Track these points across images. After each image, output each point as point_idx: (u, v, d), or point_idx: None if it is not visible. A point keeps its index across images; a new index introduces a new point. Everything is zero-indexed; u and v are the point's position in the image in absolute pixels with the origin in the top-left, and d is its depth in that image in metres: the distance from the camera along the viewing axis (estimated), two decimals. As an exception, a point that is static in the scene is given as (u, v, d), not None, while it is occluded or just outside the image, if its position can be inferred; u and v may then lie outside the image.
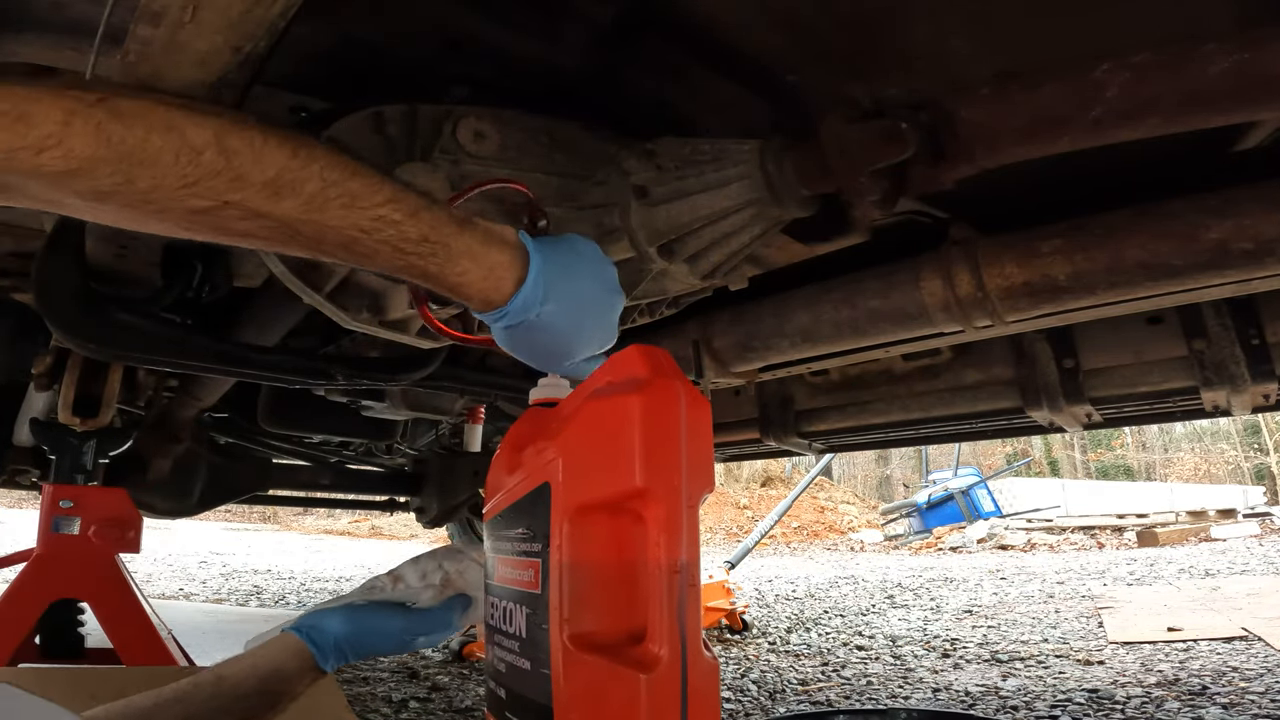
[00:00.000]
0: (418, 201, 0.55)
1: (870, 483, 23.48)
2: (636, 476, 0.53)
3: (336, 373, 1.31)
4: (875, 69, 0.88)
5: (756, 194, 0.81)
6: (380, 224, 0.52)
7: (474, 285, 0.59)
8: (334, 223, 0.51)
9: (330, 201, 0.50)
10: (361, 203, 0.51)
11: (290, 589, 5.07)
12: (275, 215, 0.49)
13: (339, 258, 0.54)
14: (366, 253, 0.53)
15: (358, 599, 0.77)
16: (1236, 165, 0.95)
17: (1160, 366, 1.46)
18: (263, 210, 0.48)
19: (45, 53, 0.72)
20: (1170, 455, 23.83)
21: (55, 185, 0.42)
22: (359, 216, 0.51)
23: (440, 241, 0.55)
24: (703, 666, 0.53)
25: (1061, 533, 9.33)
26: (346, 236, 0.52)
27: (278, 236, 0.51)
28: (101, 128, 0.41)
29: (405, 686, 2.33)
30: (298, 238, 0.51)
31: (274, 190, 0.48)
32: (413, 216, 0.54)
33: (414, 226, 0.54)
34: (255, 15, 0.54)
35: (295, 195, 0.49)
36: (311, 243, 0.52)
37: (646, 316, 1.10)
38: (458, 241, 0.56)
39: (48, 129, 0.39)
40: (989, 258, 1.07)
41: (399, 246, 0.54)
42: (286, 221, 0.49)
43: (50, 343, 1.45)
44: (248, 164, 0.46)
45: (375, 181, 0.53)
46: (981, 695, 2.22)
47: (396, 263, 0.55)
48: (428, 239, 0.55)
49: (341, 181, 0.51)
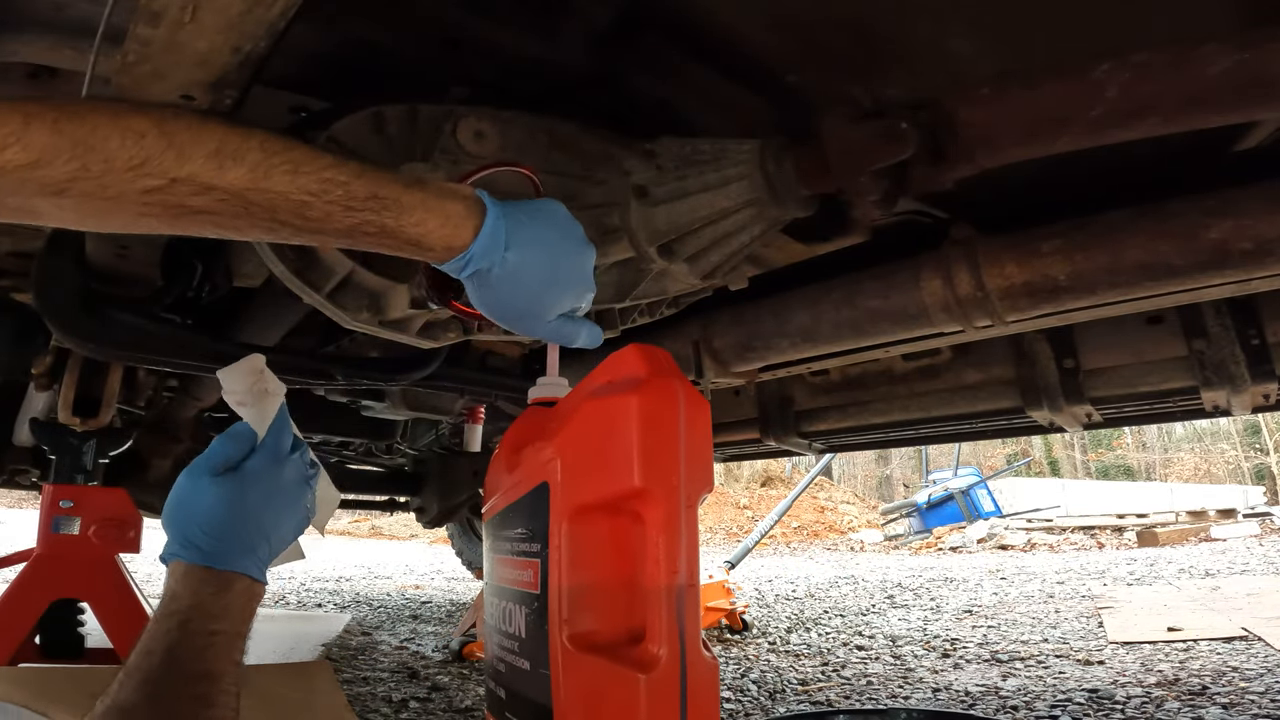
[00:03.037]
0: (361, 165, 0.58)
1: (870, 483, 23.47)
2: (635, 476, 0.53)
3: (336, 373, 1.31)
4: (875, 69, 0.88)
5: (756, 194, 0.81)
6: (328, 185, 0.55)
7: (433, 235, 0.60)
8: (281, 188, 0.54)
9: (275, 169, 0.53)
10: (305, 167, 0.54)
11: (290, 589, 5.07)
12: (224, 186, 0.52)
13: (297, 228, 0.56)
14: (321, 216, 0.56)
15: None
16: (1236, 165, 0.96)
17: (1160, 366, 1.46)
18: (211, 182, 0.51)
19: (45, 53, 0.72)
20: (1170, 455, 23.83)
21: (20, 181, 0.46)
22: (306, 180, 0.54)
23: (391, 196, 0.58)
24: (702, 666, 0.53)
25: (1061, 533, 9.33)
26: (298, 202, 0.54)
27: (232, 211, 0.53)
28: (56, 123, 0.47)
29: (405, 686, 2.33)
30: (252, 209, 0.54)
31: (218, 162, 0.51)
32: (359, 176, 0.57)
33: (362, 185, 0.57)
34: (255, 15, 0.54)
35: (239, 164, 0.52)
36: (267, 213, 0.54)
37: (646, 316, 1.10)
38: (408, 196, 0.59)
39: (10, 128, 0.45)
40: (989, 258, 1.07)
41: (349, 205, 0.56)
42: (236, 192, 0.52)
43: (50, 343, 1.45)
44: (188, 141, 0.50)
45: (316, 151, 0.56)
46: (981, 695, 2.22)
47: (350, 222, 0.57)
48: (377, 195, 0.57)
49: (283, 151, 0.54)
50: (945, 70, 0.87)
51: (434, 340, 0.95)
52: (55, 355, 1.47)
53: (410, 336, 0.92)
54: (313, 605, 4.35)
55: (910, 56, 0.86)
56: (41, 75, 0.79)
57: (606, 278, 0.95)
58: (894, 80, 0.89)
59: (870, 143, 0.76)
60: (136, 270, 1.11)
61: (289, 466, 0.72)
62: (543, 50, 0.85)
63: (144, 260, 1.09)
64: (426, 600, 4.68)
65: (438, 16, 0.80)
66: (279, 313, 1.29)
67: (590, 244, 0.70)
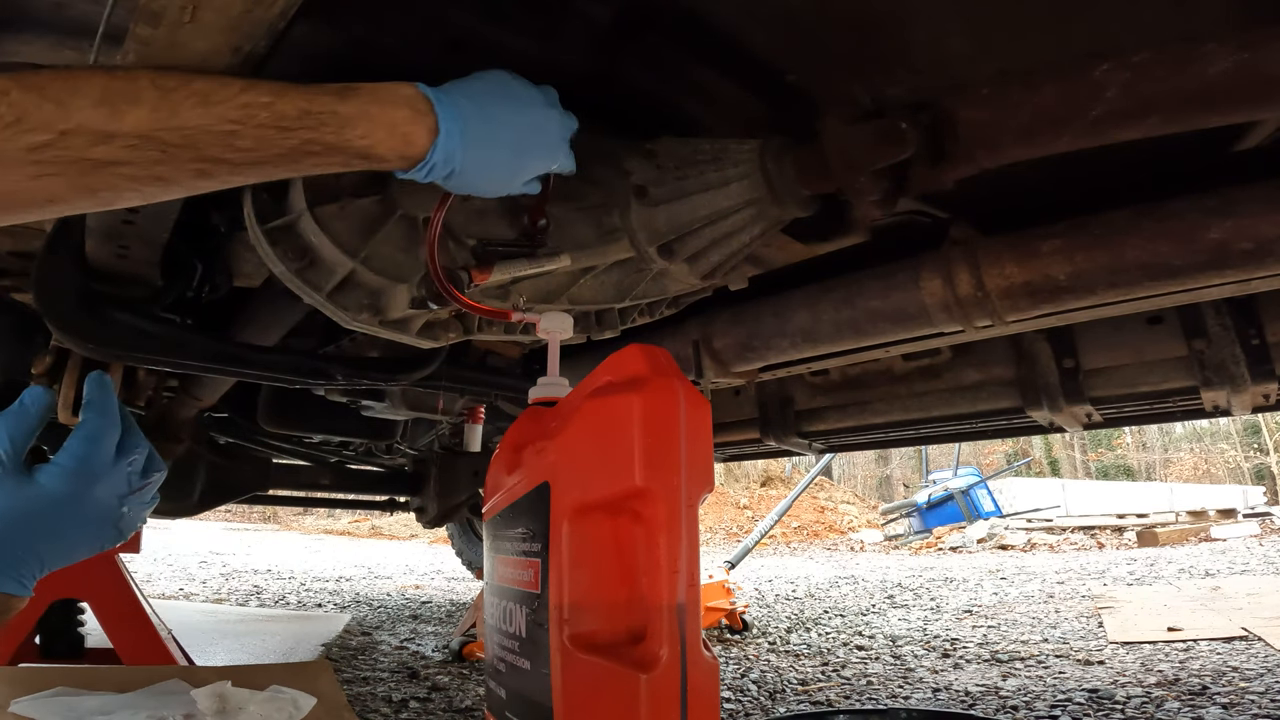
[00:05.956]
0: (278, 83, 0.53)
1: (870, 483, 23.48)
2: (636, 476, 0.53)
3: (336, 373, 1.31)
4: (875, 69, 0.88)
5: (756, 194, 0.81)
6: (250, 109, 0.51)
7: (384, 145, 0.57)
8: (196, 122, 0.50)
9: (180, 104, 0.49)
10: (216, 96, 0.51)
11: (290, 589, 5.07)
12: (127, 131, 0.48)
13: (233, 163, 0.52)
14: (253, 145, 0.52)
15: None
16: (1236, 165, 0.95)
17: (1160, 366, 1.46)
18: (110, 129, 0.48)
19: (45, 53, 0.72)
20: (1170, 455, 23.83)
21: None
22: (222, 109, 0.50)
23: (325, 110, 0.54)
24: (703, 666, 0.53)
25: (1061, 533, 9.33)
26: (221, 134, 0.51)
27: (149, 158, 0.50)
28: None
29: (405, 686, 2.33)
30: (171, 152, 0.50)
31: (110, 108, 0.48)
32: (280, 95, 0.53)
33: (288, 104, 0.53)
34: (255, 16, 0.54)
35: (135, 105, 0.48)
36: (191, 153, 0.51)
37: (646, 316, 1.10)
38: (344, 106, 0.55)
39: None
40: (989, 257, 1.07)
41: (282, 126, 0.52)
42: (145, 135, 0.49)
43: (50, 343, 1.44)
44: (63, 90, 0.47)
45: (222, 78, 0.52)
46: (981, 695, 2.22)
47: (289, 144, 0.53)
48: (309, 111, 0.53)
49: (181, 85, 0.50)
50: (945, 70, 0.87)
51: (434, 340, 0.95)
52: (55, 355, 1.46)
53: (410, 336, 0.92)
54: (313, 605, 4.35)
55: (910, 56, 0.86)
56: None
57: (606, 278, 0.95)
58: (894, 80, 0.89)
59: (870, 143, 0.76)
60: (136, 270, 1.11)
61: (102, 485, 0.62)
62: (543, 50, 0.84)
63: (144, 260, 1.09)
64: (426, 600, 4.67)
65: (438, 16, 0.80)
66: (279, 313, 1.29)
67: (550, 105, 0.69)
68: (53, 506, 0.59)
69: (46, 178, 0.48)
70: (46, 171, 0.48)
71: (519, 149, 0.66)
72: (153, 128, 0.49)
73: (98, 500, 0.61)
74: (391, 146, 0.58)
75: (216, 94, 0.51)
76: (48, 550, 0.59)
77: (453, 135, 0.60)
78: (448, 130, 0.60)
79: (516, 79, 0.68)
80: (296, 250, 0.82)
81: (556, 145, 0.70)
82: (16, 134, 0.46)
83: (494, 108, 0.63)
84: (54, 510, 0.59)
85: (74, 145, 0.48)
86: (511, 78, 0.67)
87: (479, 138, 0.62)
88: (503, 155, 0.65)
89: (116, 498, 0.63)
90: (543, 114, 0.68)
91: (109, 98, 0.48)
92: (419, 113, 0.59)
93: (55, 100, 0.47)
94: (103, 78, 0.49)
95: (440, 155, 0.60)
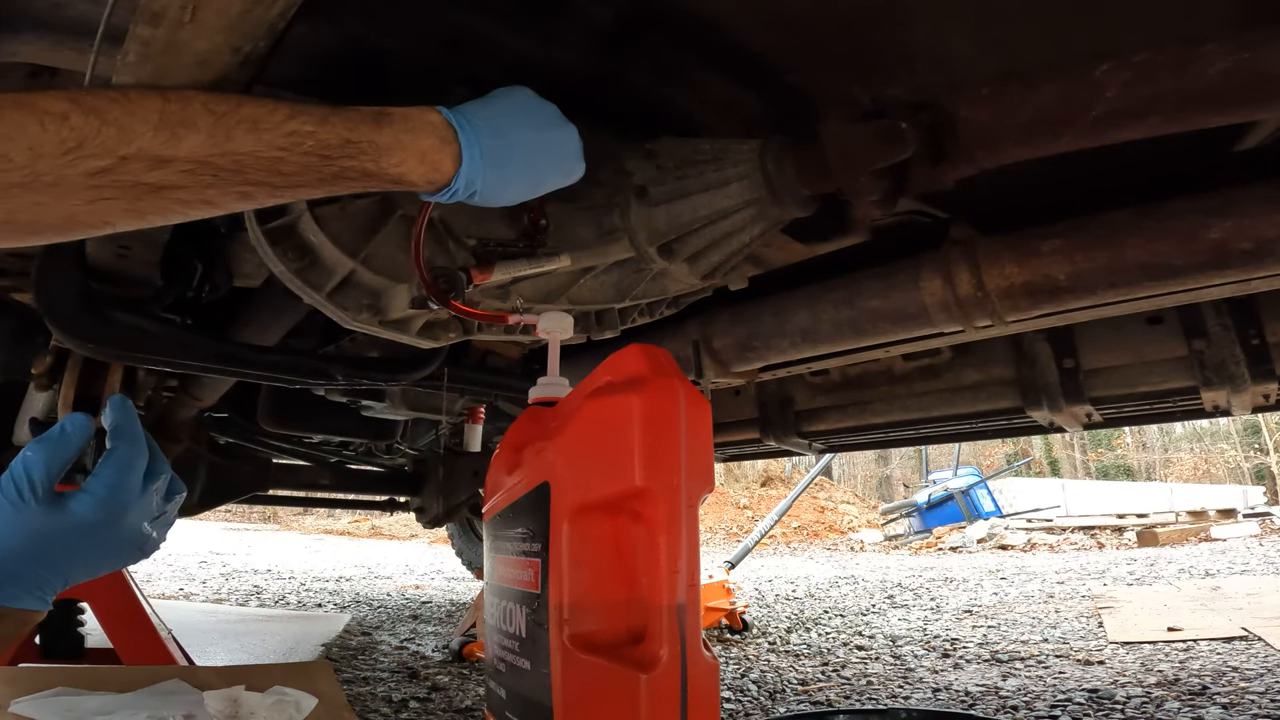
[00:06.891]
0: (322, 109, 0.55)
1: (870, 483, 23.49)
2: (636, 476, 0.53)
3: (336, 373, 1.31)
4: (875, 69, 0.88)
5: (757, 194, 0.81)
6: (296, 138, 0.53)
7: (415, 173, 0.60)
8: (247, 148, 0.51)
9: (232, 129, 0.50)
10: (265, 123, 0.52)
11: (290, 589, 5.07)
12: (183, 156, 0.49)
13: (273, 186, 0.54)
14: (297, 170, 0.53)
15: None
16: (1236, 165, 0.95)
17: (1160, 366, 1.46)
18: (167, 154, 0.48)
19: (45, 53, 0.72)
20: (1170, 455, 23.84)
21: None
22: (271, 136, 0.52)
23: (365, 139, 0.56)
24: (703, 666, 0.53)
25: (1061, 533, 9.32)
26: (269, 160, 0.52)
27: (201, 182, 0.51)
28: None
29: (405, 686, 2.33)
30: (222, 176, 0.51)
31: (168, 132, 0.48)
32: (324, 123, 0.54)
33: (331, 132, 0.54)
34: (255, 16, 0.54)
35: (192, 131, 0.49)
36: (237, 178, 0.52)
37: (646, 316, 1.10)
38: (382, 136, 0.57)
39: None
40: (989, 257, 1.07)
41: (325, 155, 0.54)
42: (200, 160, 0.50)
43: (50, 343, 1.44)
44: (123, 115, 0.47)
45: (269, 103, 0.53)
46: (981, 695, 2.22)
47: (330, 171, 0.55)
48: (350, 140, 0.55)
49: (232, 111, 0.51)
50: (945, 70, 0.87)
51: (434, 340, 0.95)
52: (55, 355, 1.46)
53: (410, 336, 0.92)
54: (313, 605, 4.35)
55: (910, 56, 0.86)
56: (42, 75, 0.79)
57: (606, 278, 0.95)
58: (894, 80, 0.89)
59: (870, 143, 0.76)
60: (136, 270, 1.11)
61: (132, 512, 0.62)
62: (543, 50, 0.84)
63: (144, 260, 1.09)
64: (426, 600, 4.67)
65: (438, 17, 0.80)
66: (279, 313, 1.29)
67: (567, 122, 0.71)
68: (83, 533, 0.59)
69: (103, 201, 0.49)
70: (104, 196, 0.48)
71: (537, 168, 0.68)
72: (208, 153, 0.50)
73: (127, 525, 0.63)
74: (421, 174, 0.61)
75: (265, 120, 0.52)
76: (73, 571, 0.60)
77: (474, 160, 0.63)
78: (470, 156, 0.62)
79: (534, 97, 0.70)
80: (297, 250, 0.82)
81: (573, 162, 0.72)
82: (77, 159, 0.46)
83: (514, 131, 0.66)
84: (84, 537, 0.60)
85: (132, 170, 0.48)
86: (530, 96, 0.70)
87: (498, 160, 0.64)
88: (521, 174, 0.67)
89: (143, 522, 0.65)
90: (561, 133, 0.70)
91: (166, 122, 0.49)
92: (445, 140, 0.61)
93: (116, 125, 0.47)
94: (158, 101, 0.49)
95: (463, 181, 0.63)
